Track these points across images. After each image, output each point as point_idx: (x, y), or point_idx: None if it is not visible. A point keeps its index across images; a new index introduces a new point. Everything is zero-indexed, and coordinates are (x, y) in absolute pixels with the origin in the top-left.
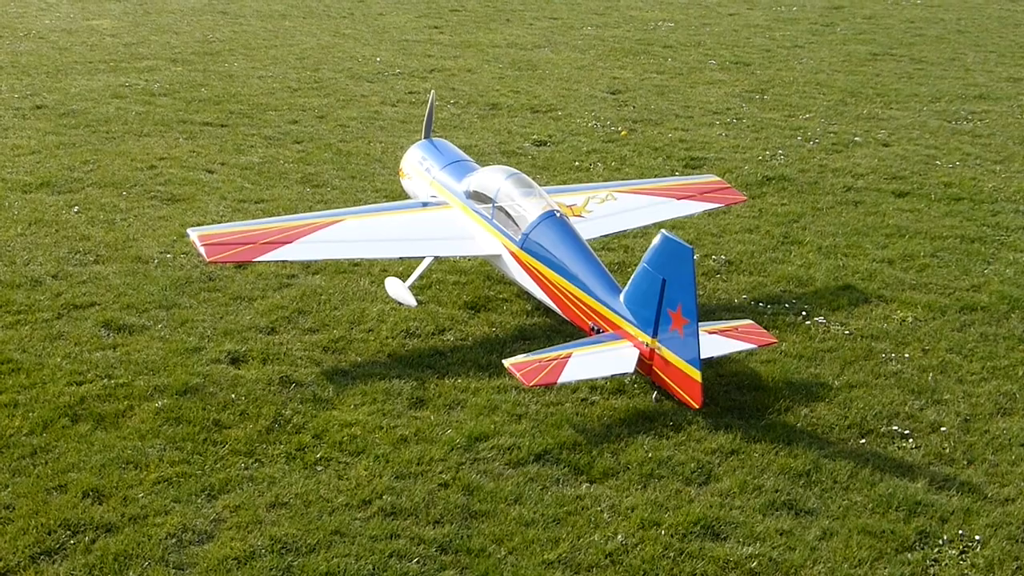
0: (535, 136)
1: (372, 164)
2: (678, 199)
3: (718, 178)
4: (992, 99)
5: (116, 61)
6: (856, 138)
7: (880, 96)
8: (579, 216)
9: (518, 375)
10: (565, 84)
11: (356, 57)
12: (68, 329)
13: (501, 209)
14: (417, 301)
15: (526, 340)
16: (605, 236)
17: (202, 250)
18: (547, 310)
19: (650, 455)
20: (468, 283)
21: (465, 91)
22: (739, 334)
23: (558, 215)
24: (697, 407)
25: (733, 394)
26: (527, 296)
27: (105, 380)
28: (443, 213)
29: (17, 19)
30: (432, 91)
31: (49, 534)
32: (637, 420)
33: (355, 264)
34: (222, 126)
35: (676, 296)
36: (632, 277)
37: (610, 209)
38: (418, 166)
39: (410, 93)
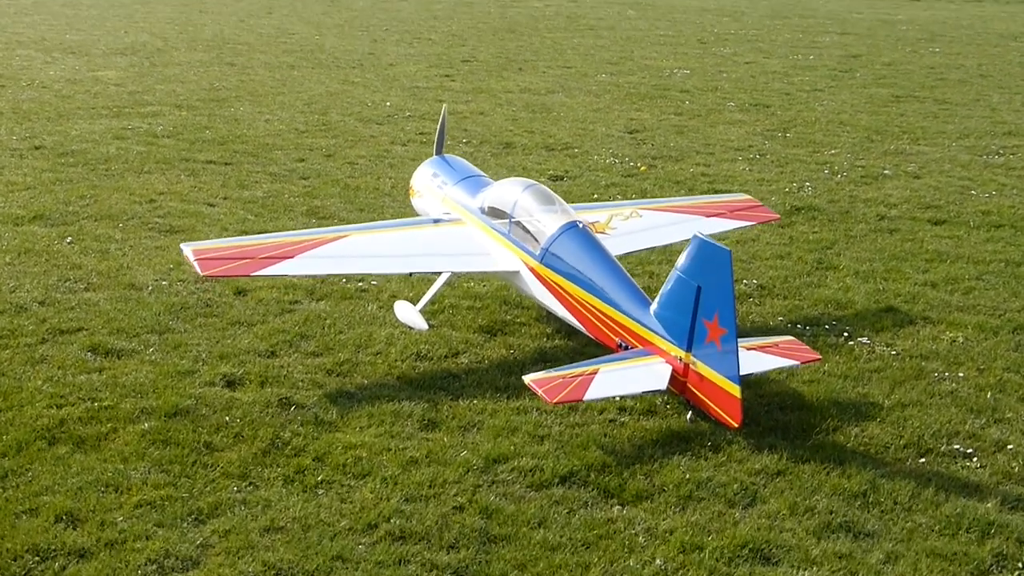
0: (551, 171)
1: (382, 198)
2: (707, 216)
3: (748, 196)
4: (1022, 135)
5: (119, 107)
6: (885, 171)
7: (907, 133)
8: (602, 233)
9: (540, 392)
10: (580, 125)
11: (365, 102)
12: (52, 353)
13: (518, 223)
14: (428, 324)
15: (547, 362)
16: (629, 254)
17: (196, 265)
18: (570, 331)
19: (687, 476)
20: (483, 307)
21: (478, 131)
22: (780, 350)
23: (581, 226)
24: (736, 426)
25: (775, 414)
26: (548, 319)
27: (88, 403)
28: (456, 229)
29: (21, 71)
30: (444, 105)
31: (14, 560)
32: (671, 441)
33: (362, 289)
34: (226, 164)
35: (712, 304)
36: (663, 287)
37: (634, 226)
38: (430, 182)
39: (421, 134)
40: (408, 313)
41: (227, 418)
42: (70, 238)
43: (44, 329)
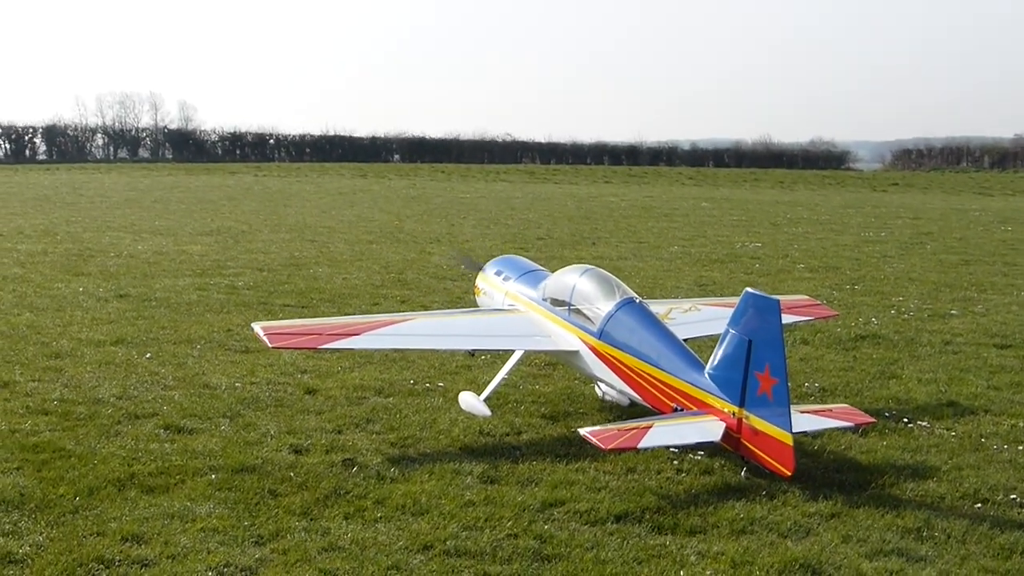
0: None
1: None
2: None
3: (808, 296)
4: None
5: (203, 269)
6: (952, 312)
7: (975, 286)
8: (683, 312)
9: (594, 440)
10: (651, 280)
11: (440, 266)
12: (127, 429)
13: (577, 308)
14: (491, 411)
15: None
16: (687, 339)
17: (265, 339)
18: (630, 412)
19: (741, 515)
20: (547, 402)
21: None
22: (834, 414)
23: (637, 301)
24: (789, 474)
25: (831, 473)
26: (608, 406)
27: (158, 462)
28: (519, 315)
29: (111, 245)
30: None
31: (79, 566)
32: (727, 491)
33: (429, 389)
34: (302, 307)
35: (763, 356)
36: (716, 348)
37: (693, 318)
38: (494, 279)
39: None
40: (472, 401)
41: (291, 473)
42: (149, 354)
43: (120, 413)
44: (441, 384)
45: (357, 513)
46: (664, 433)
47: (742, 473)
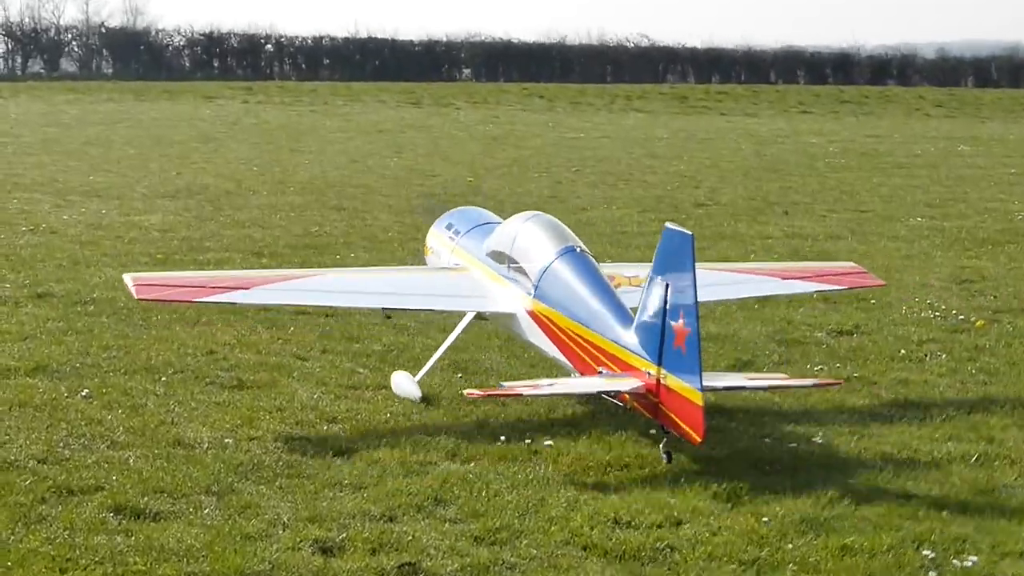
0: (832, 326)
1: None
2: (783, 279)
3: (855, 264)
4: None
5: (166, 254)
6: None
7: None
8: (634, 286)
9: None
10: (883, 273)
11: None
12: (55, 512)
13: (517, 263)
14: (422, 397)
15: None
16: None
17: (132, 289)
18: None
19: None
20: (721, 471)
21: None
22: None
23: (579, 250)
24: (699, 441)
25: None
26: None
27: (108, 566)
28: (454, 273)
29: (18, 215)
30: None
31: None
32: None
33: (533, 450)
34: (326, 315)
35: (678, 302)
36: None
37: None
38: (442, 234)
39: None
40: (404, 384)
41: None
42: (87, 390)
43: (45, 487)
44: (549, 442)
45: None
46: (566, 386)
47: (663, 456)
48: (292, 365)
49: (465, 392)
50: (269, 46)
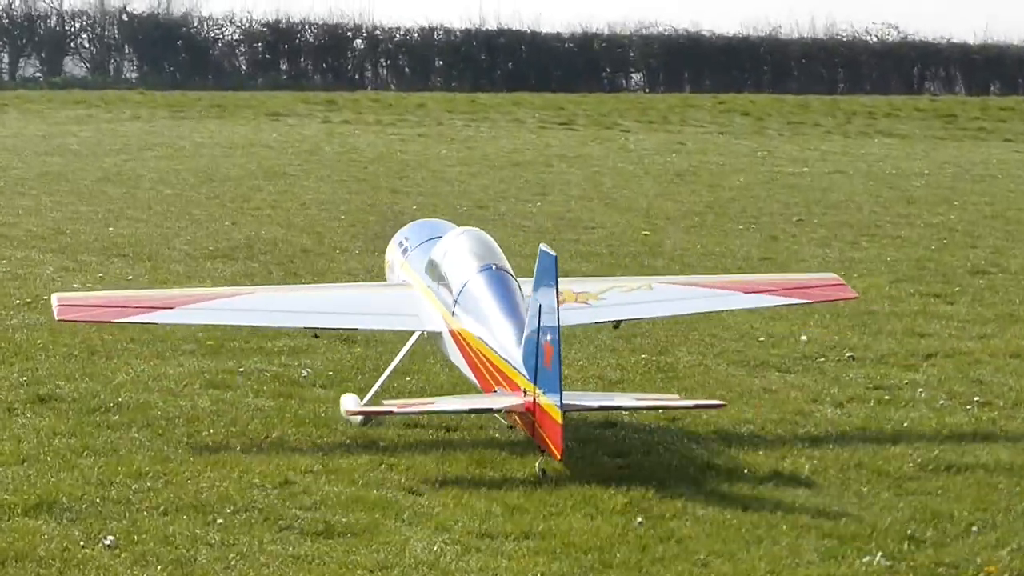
0: None
1: None
2: (745, 292)
3: (834, 275)
4: None
5: (220, 339)
6: None
7: None
8: (583, 303)
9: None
10: None
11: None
12: None
13: (444, 277)
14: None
15: None
16: (600, 323)
17: (55, 309)
18: None
19: None
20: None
21: (1010, 385)
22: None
23: (495, 268)
24: (559, 457)
25: None
26: None
27: None
28: (394, 290)
29: (9, 280)
30: None
31: None
32: None
33: None
34: (446, 429)
35: (545, 322)
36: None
37: (632, 298)
38: (397, 249)
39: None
40: (350, 405)
41: None
42: (111, 538)
43: None
44: None
45: None
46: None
47: (538, 469)
48: (401, 502)
49: (343, 411)
50: (359, 41)
